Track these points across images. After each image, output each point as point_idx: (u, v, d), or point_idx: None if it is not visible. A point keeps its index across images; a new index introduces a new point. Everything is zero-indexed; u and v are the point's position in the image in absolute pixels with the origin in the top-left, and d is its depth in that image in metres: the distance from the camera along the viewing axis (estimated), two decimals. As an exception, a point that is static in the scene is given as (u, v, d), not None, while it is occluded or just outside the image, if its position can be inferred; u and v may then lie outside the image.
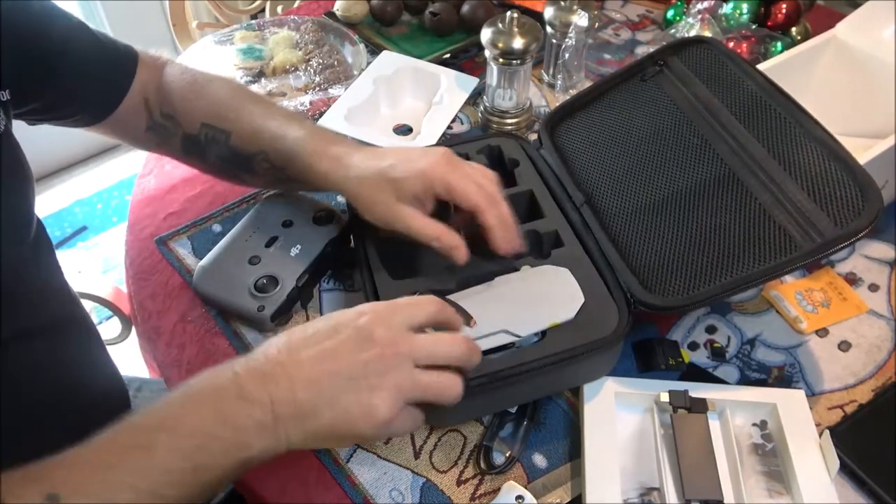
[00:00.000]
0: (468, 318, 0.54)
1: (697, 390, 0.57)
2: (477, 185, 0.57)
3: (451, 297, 0.57)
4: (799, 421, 0.56)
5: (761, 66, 0.75)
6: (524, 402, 0.59)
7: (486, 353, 0.54)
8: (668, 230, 0.60)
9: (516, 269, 0.59)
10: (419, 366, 0.45)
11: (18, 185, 0.55)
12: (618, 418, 0.57)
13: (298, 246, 0.66)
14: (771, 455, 0.56)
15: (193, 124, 0.64)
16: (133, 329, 0.73)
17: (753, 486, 0.54)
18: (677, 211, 0.61)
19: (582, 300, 0.56)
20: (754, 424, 0.57)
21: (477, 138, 0.73)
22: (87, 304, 0.96)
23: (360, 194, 0.59)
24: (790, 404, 0.57)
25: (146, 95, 0.65)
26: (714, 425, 0.56)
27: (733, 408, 0.57)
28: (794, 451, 0.54)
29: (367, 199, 0.58)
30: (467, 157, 0.70)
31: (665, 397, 0.56)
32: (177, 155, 0.68)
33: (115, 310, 0.95)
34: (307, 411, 0.42)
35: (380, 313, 0.45)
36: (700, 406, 0.56)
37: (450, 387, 0.46)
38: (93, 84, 0.61)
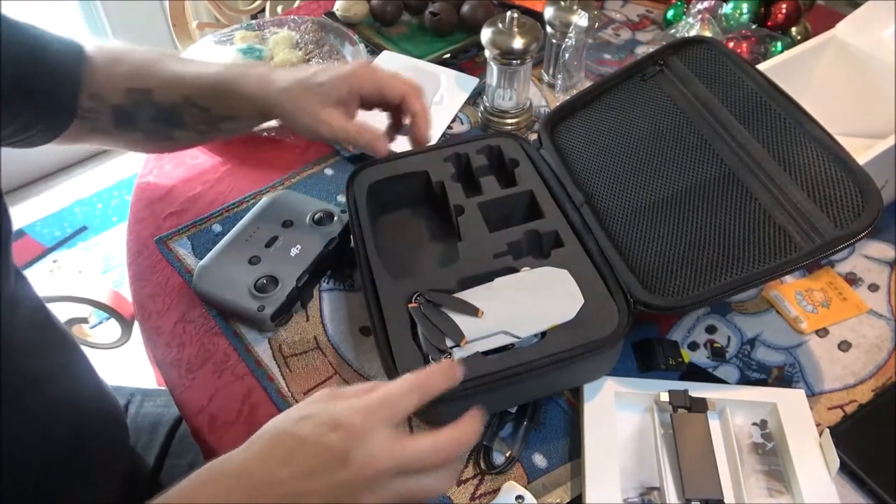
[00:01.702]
0: (475, 310, 0.54)
1: (697, 390, 0.57)
2: (399, 80, 0.62)
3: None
4: (799, 420, 0.56)
5: (761, 66, 0.75)
6: (524, 402, 0.59)
7: (485, 353, 0.54)
8: (668, 230, 0.60)
9: (516, 270, 0.59)
10: (400, 473, 0.41)
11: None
12: (618, 418, 0.57)
13: (298, 246, 0.66)
14: (771, 454, 0.56)
15: (118, 94, 0.62)
16: (132, 332, 0.73)
17: (753, 485, 0.54)
18: (677, 211, 0.61)
19: (582, 301, 0.56)
20: (754, 424, 0.57)
21: (477, 138, 0.73)
22: (87, 308, 0.96)
23: (287, 106, 0.60)
24: (790, 404, 0.57)
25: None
26: (714, 425, 0.56)
27: (733, 407, 0.57)
28: (794, 451, 0.54)
29: (293, 109, 0.59)
30: (467, 157, 0.70)
31: (665, 397, 0.56)
32: (109, 133, 0.65)
33: (115, 314, 0.95)
34: None
35: (355, 426, 0.41)
36: (700, 405, 0.56)
37: (438, 486, 0.43)
38: (53, 105, 0.60)
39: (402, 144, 0.74)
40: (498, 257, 0.60)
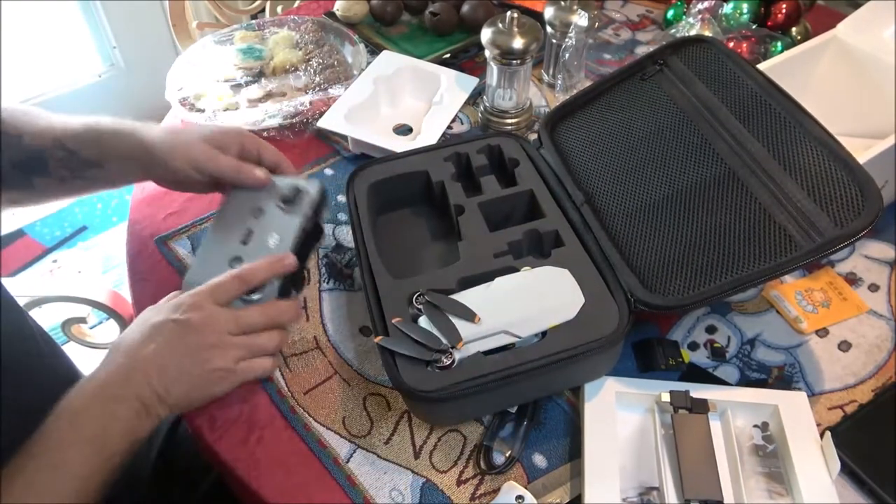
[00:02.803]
0: (472, 315, 0.54)
1: (698, 391, 0.57)
2: (273, 148, 0.67)
3: (452, 297, 0.57)
4: (800, 423, 0.56)
5: (761, 66, 0.75)
6: (524, 402, 0.59)
7: (486, 353, 0.54)
8: (669, 229, 0.60)
9: (516, 270, 0.59)
10: (237, 333, 0.55)
11: None
12: (618, 418, 0.57)
13: (275, 234, 0.62)
14: (772, 456, 0.56)
15: None
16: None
17: (753, 486, 0.54)
18: (677, 210, 0.61)
19: (582, 301, 0.56)
20: (755, 426, 0.57)
21: (477, 138, 0.73)
22: (86, 308, 0.96)
23: (176, 144, 0.63)
24: (792, 406, 0.57)
25: None
26: (715, 426, 0.56)
27: (734, 409, 0.57)
28: (795, 453, 0.54)
29: (183, 146, 0.63)
30: (467, 157, 0.70)
31: (666, 397, 0.56)
32: None
33: (114, 314, 0.95)
34: (167, 393, 0.52)
35: (191, 303, 0.55)
36: (701, 407, 0.56)
37: (274, 342, 0.57)
38: None
39: (403, 144, 0.74)
40: (498, 257, 0.60)
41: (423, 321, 0.55)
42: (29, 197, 0.69)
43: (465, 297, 0.57)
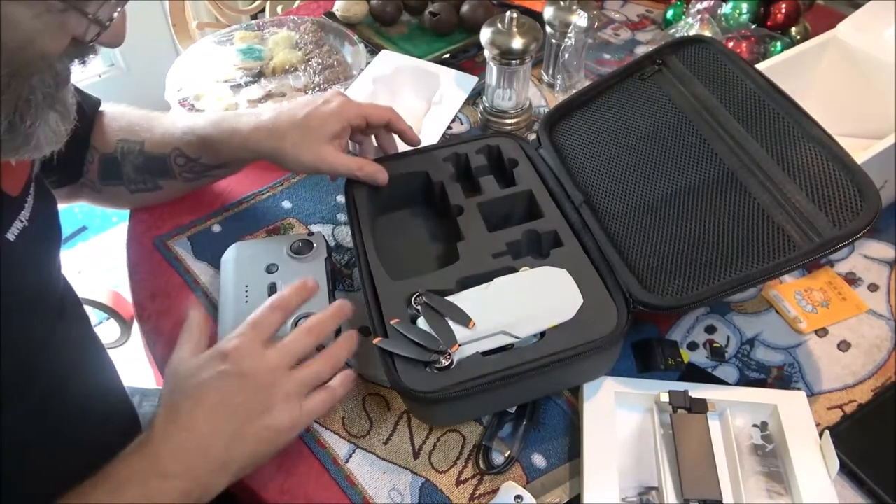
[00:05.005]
0: (467, 320, 0.54)
1: (698, 391, 0.57)
2: (376, 107, 0.67)
3: (451, 297, 0.57)
4: (800, 422, 0.56)
5: (761, 66, 0.75)
6: (523, 403, 0.59)
7: (485, 354, 0.54)
8: (667, 229, 0.60)
9: (515, 270, 0.59)
10: (295, 366, 0.50)
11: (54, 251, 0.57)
12: (618, 418, 0.57)
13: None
14: (771, 456, 0.56)
15: (110, 145, 0.68)
16: (132, 332, 0.73)
17: (753, 486, 0.54)
18: (676, 210, 0.61)
19: (581, 301, 0.56)
20: (755, 425, 0.57)
21: (476, 138, 0.73)
22: (86, 309, 0.96)
23: (284, 148, 0.63)
24: (791, 405, 0.57)
25: None
26: (714, 426, 0.56)
27: (734, 408, 0.57)
28: (794, 453, 0.54)
29: (291, 150, 0.63)
30: (466, 157, 0.70)
31: (665, 397, 0.56)
32: (95, 188, 0.71)
33: (115, 314, 0.95)
34: (226, 459, 0.47)
35: (235, 348, 0.49)
36: (700, 406, 0.56)
37: (334, 364, 0.52)
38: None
39: (402, 144, 0.74)
40: (497, 257, 0.60)
41: (422, 322, 0.55)
42: (158, 197, 0.74)
43: (464, 297, 0.57)
